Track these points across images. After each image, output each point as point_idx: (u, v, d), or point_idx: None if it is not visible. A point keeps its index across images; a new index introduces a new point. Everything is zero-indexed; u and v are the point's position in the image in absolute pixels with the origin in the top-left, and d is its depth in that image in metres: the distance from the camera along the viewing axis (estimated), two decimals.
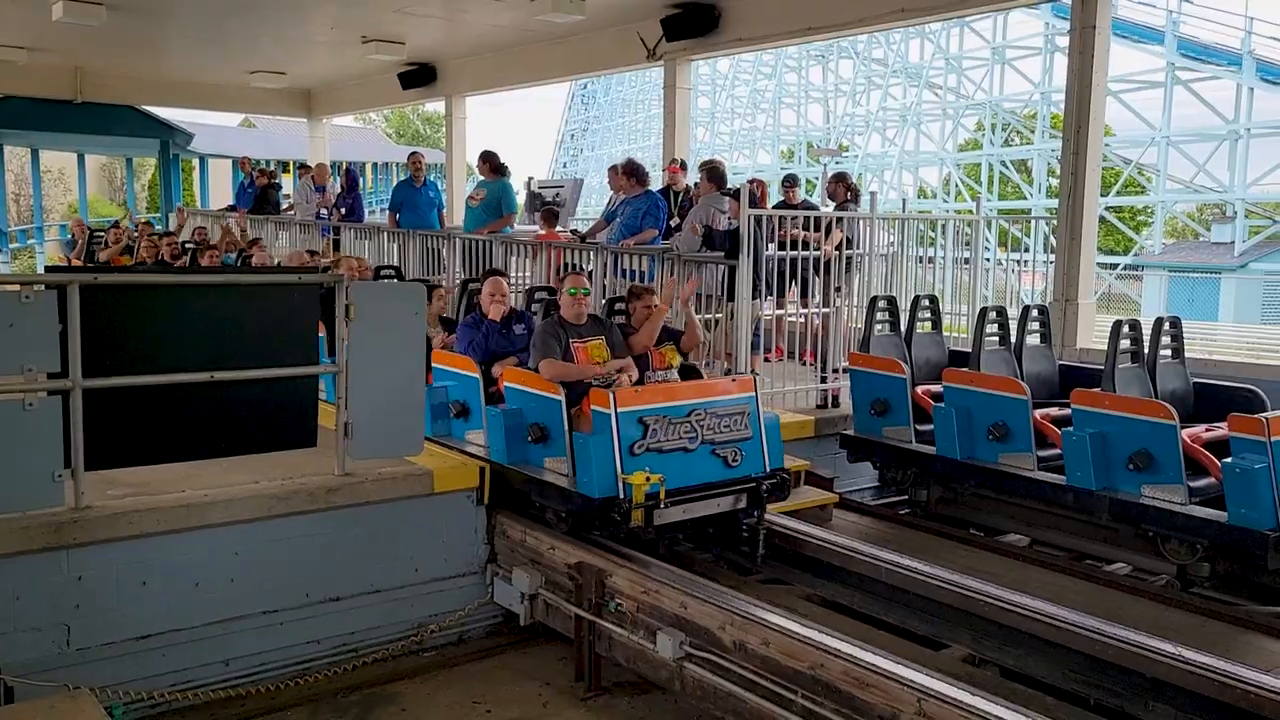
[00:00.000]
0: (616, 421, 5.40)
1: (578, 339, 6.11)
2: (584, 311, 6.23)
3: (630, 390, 5.66)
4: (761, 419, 5.88)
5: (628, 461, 5.40)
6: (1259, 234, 26.75)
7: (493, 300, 6.77)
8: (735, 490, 5.75)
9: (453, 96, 17.39)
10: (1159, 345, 6.45)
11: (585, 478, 5.51)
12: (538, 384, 5.95)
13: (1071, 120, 9.14)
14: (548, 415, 5.84)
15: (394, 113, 57.97)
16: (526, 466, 5.98)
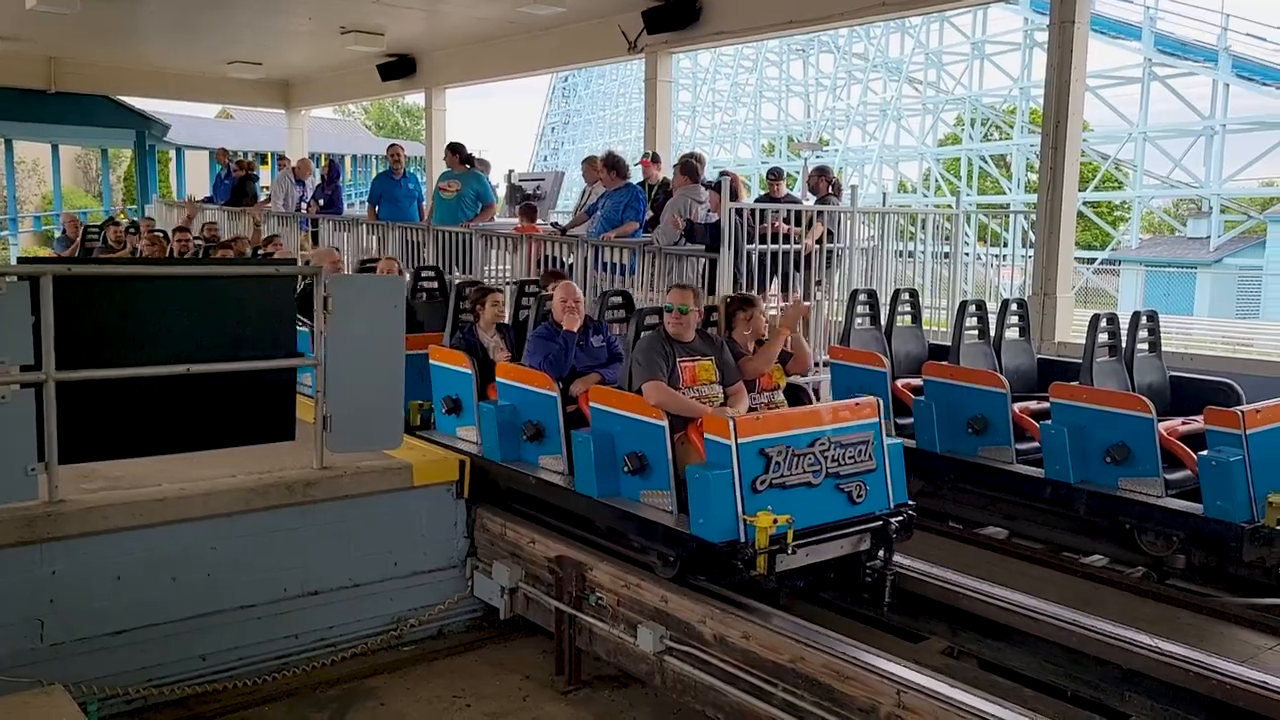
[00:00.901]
0: (738, 454, 4.71)
1: (686, 357, 5.43)
2: (691, 327, 5.54)
3: (751, 418, 4.91)
4: (885, 448, 5.20)
5: (749, 500, 4.70)
6: (1234, 229, 26.98)
7: (566, 309, 6.03)
8: (861, 530, 5.06)
9: (432, 88, 17.29)
10: (1136, 339, 6.49)
11: (701, 518, 4.78)
12: (635, 407, 5.26)
13: (1050, 115, 9.17)
14: (648, 443, 5.18)
15: (373, 105, 57.67)
16: (618, 500, 5.35)
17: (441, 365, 6.63)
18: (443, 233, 10.86)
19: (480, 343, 6.56)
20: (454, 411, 6.52)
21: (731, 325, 5.91)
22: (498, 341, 6.56)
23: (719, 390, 5.47)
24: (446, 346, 6.70)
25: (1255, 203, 27.44)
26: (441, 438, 6.58)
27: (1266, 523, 5.07)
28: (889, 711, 4.03)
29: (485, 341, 6.57)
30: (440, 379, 6.66)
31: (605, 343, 6.22)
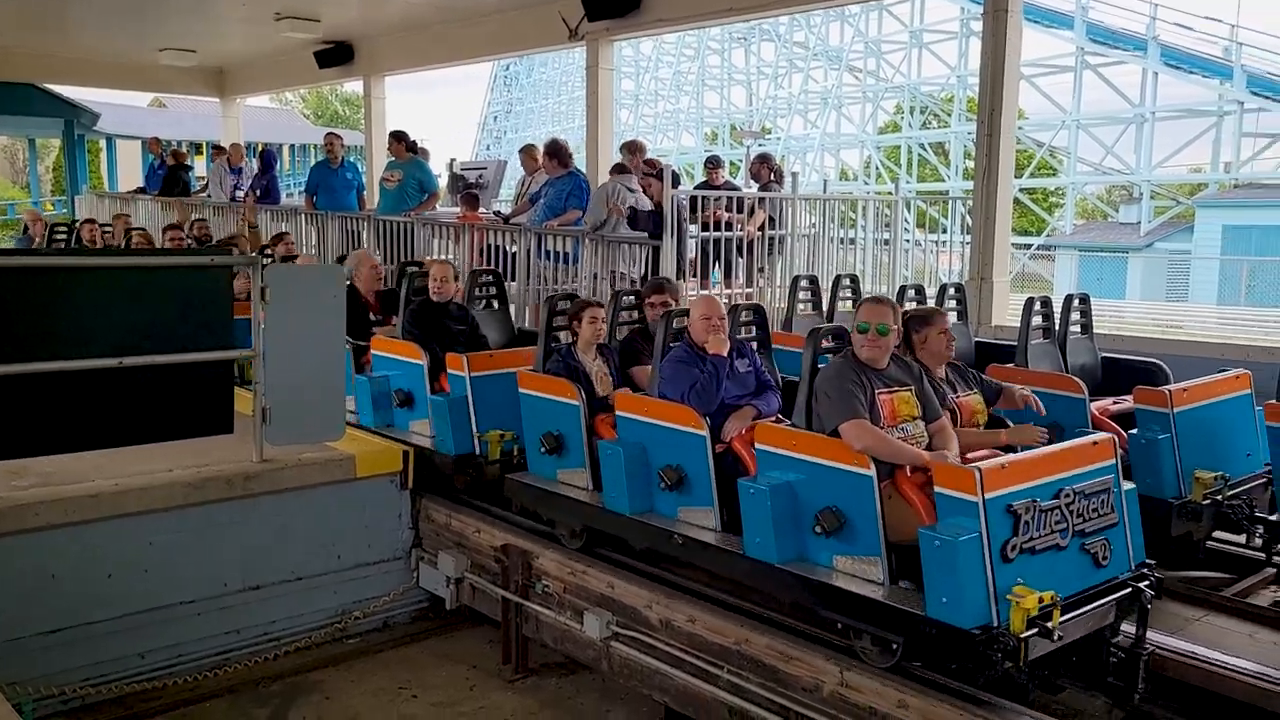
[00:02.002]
0: (985, 512, 3.71)
1: (884, 388, 4.36)
2: (889, 351, 4.44)
3: (995, 465, 3.86)
4: (1123, 495, 4.24)
5: (1000, 571, 3.71)
6: (1164, 215, 27.62)
7: (711, 328, 4.99)
8: (1110, 599, 4.03)
9: (371, 76, 17.06)
10: (1069, 321, 6.61)
11: (943, 595, 3.74)
12: (827, 452, 4.20)
13: (985, 103, 9.31)
14: (848, 497, 4.12)
15: (311, 93, 56.71)
16: (804, 566, 4.28)
17: (537, 395, 5.50)
18: (383, 222, 10.74)
19: (582, 367, 5.54)
20: (555, 451, 5.37)
21: (918, 343, 4.85)
22: (601, 367, 5.59)
23: (922, 428, 4.39)
24: (540, 371, 5.62)
25: (1183, 189, 28.14)
26: (538, 480, 5.53)
27: (1193, 498, 5.21)
28: (832, 690, 4.09)
29: (587, 366, 5.56)
30: (535, 411, 5.53)
31: (753, 368, 5.15)
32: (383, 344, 6.78)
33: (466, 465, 5.98)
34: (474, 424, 5.98)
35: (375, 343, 6.81)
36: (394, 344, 6.65)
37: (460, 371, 6.05)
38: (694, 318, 5.08)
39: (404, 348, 6.54)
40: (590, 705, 5.12)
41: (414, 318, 6.64)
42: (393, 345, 6.67)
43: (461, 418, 6.01)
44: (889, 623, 3.93)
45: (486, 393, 6.02)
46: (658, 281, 6.21)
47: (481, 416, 5.99)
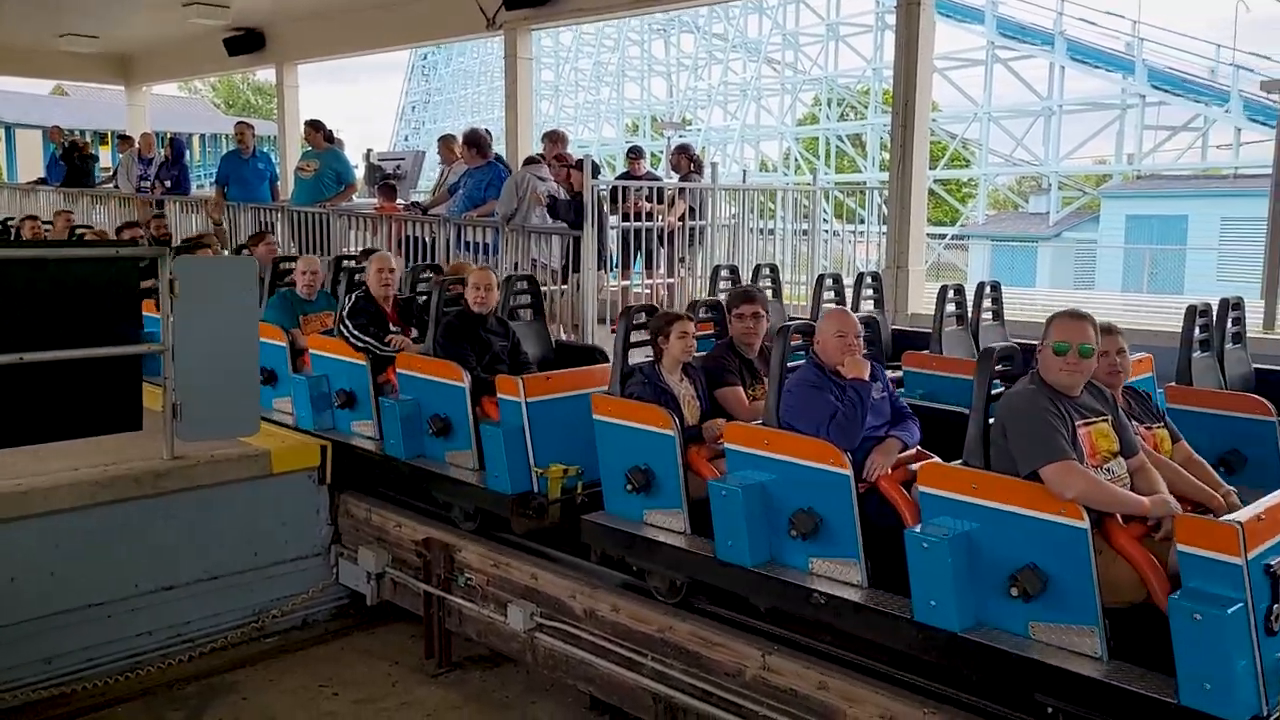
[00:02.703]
0: (1249, 577, 3.05)
1: (1081, 420, 3.66)
2: (1086, 375, 3.75)
3: (1250, 516, 3.18)
4: None
5: (1268, 646, 3.09)
6: (1071, 205, 28.45)
7: (847, 346, 4.32)
8: None
9: (283, 64, 16.66)
10: (981, 309, 6.78)
11: (1205, 680, 3.07)
12: (1028, 500, 3.48)
13: (900, 95, 9.47)
14: (1053, 553, 3.44)
15: (222, 82, 55.29)
16: (988, 633, 3.57)
17: (620, 423, 4.72)
18: (298, 213, 10.53)
19: (669, 390, 4.79)
20: (643, 489, 4.60)
21: None
22: (688, 390, 4.86)
23: (1124, 466, 3.71)
24: (618, 395, 4.83)
25: (1089, 180, 28.96)
26: (622, 523, 4.73)
27: None
28: (754, 674, 4.14)
29: (674, 389, 4.81)
30: (618, 442, 4.73)
31: (886, 392, 4.44)
32: (414, 362, 5.87)
33: (526, 505, 5.12)
34: (531, 457, 5.19)
35: (402, 360, 5.97)
36: (427, 363, 5.75)
37: (514, 396, 5.20)
38: (825, 335, 4.36)
39: (440, 367, 5.63)
40: (515, 697, 5.11)
41: (451, 332, 5.75)
42: (425, 364, 5.76)
43: (518, 450, 5.18)
44: (1118, 708, 3.27)
45: (544, 421, 5.22)
46: (746, 290, 5.43)
47: (539, 448, 5.19)
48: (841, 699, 3.88)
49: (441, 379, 5.63)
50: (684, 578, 4.54)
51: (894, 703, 3.75)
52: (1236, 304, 5.84)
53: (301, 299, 7.09)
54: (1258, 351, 6.33)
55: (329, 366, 6.49)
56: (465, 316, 5.86)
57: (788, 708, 4.01)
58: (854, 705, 3.84)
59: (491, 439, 5.30)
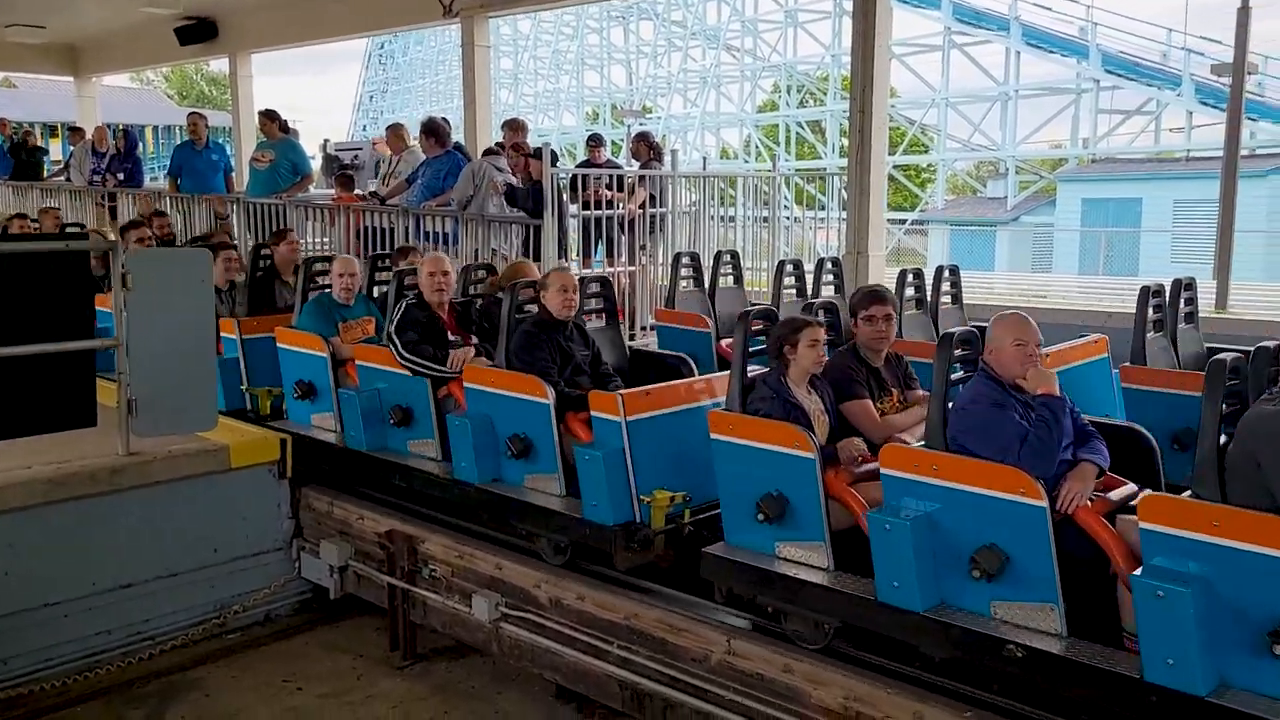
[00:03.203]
0: None
1: None
2: None
3: None
4: None
5: None
6: (1028, 189, 28.78)
7: (1028, 357, 3.85)
8: None
9: (237, 53, 16.46)
10: (940, 293, 6.84)
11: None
12: None
13: (858, 81, 9.50)
14: None
15: (174, 72, 54.50)
16: (1235, 696, 3.07)
17: (746, 444, 4.14)
18: (253, 204, 10.39)
19: (800, 405, 4.22)
20: (776, 518, 4.05)
21: None
22: (817, 404, 4.32)
23: None
24: (739, 410, 4.26)
25: (1046, 164, 29.29)
26: (752, 557, 4.16)
27: None
28: (720, 659, 4.16)
29: (805, 404, 4.24)
30: (743, 465, 4.15)
31: (1069, 407, 3.93)
32: (486, 376, 5.19)
33: (631, 537, 4.49)
34: (633, 483, 4.54)
35: (471, 373, 5.28)
36: (502, 376, 5.13)
37: (612, 415, 4.56)
38: (1001, 343, 3.85)
39: (519, 382, 5.00)
40: (481, 687, 5.09)
41: (530, 343, 5.12)
42: (500, 378, 5.12)
43: (619, 475, 4.54)
44: None
45: (646, 442, 4.59)
46: (875, 290, 4.80)
47: (642, 473, 4.55)
48: (807, 681, 3.91)
49: (521, 395, 4.95)
50: (834, 621, 3.95)
51: (859, 684, 3.78)
52: (1189, 285, 5.93)
53: (339, 303, 6.40)
54: (1210, 331, 6.44)
55: (379, 379, 5.82)
56: (544, 324, 5.19)
57: (754, 691, 4.02)
58: (819, 688, 3.86)
59: (589, 464, 4.57)
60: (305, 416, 6.35)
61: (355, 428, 5.88)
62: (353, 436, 5.92)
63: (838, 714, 3.79)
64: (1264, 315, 8.66)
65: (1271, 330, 7.59)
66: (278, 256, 7.48)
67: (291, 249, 7.56)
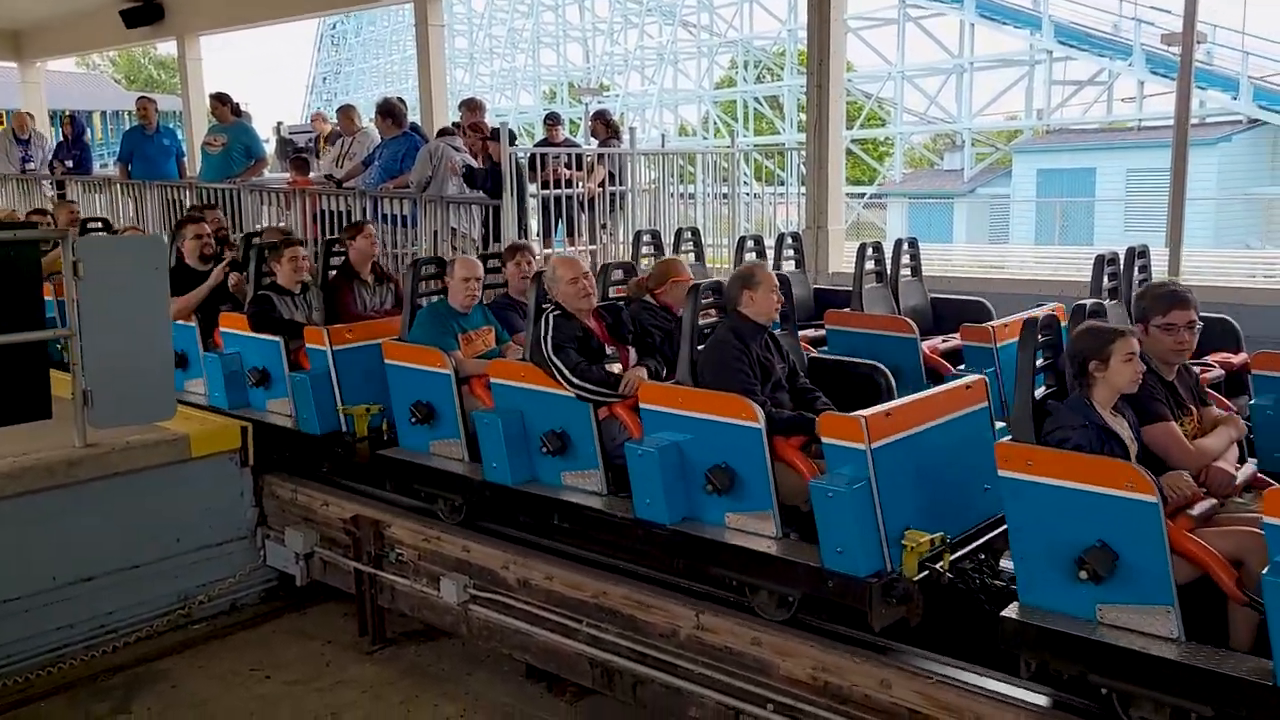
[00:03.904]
0: None
1: None
2: None
3: None
4: None
5: None
6: (984, 161, 28.98)
7: None
8: None
9: (185, 36, 16.15)
10: (899, 265, 6.88)
11: None
12: None
13: (814, 56, 9.52)
14: None
15: (122, 56, 53.40)
16: None
17: (1057, 484, 3.35)
18: (207, 190, 10.23)
19: (1115, 433, 3.51)
20: (1103, 575, 3.23)
21: None
22: (1125, 428, 3.59)
23: None
24: (1030, 440, 3.52)
25: (1001, 136, 29.50)
26: (1073, 625, 3.34)
27: None
28: (689, 634, 4.18)
29: (1119, 431, 3.54)
30: (1068, 514, 3.33)
31: None
32: (672, 396, 4.28)
33: (889, 590, 3.68)
34: (882, 524, 3.71)
35: (652, 392, 4.34)
36: (697, 396, 4.21)
37: (854, 442, 3.72)
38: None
39: (723, 403, 4.10)
40: (451, 669, 5.09)
41: (728, 355, 4.30)
42: (695, 399, 4.20)
43: (866, 515, 3.70)
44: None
45: (893, 468, 3.78)
46: (1173, 290, 4.05)
47: (893, 509, 3.72)
48: (775, 654, 3.94)
49: (724, 418, 4.09)
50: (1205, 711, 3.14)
51: (826, 655, 3.82)
52: (1143, 252, 6.02)
53: (458, 312, 5.47)
54: None
55: (522, 400, 4.89)
56: (743, 332, 4.37)
57: (723, 665, 4.06)
58: (787, 659, 3.90)
59: (832, 502, 3.69)
60: (424, 443, 5.34)
61: (497, 457, 4.86)
62: (494, 468, 4.89)
63: (806, 684, 3.84)
64: (1216, 281, 8.81)
65: (1223, 295, 7.73)
66: (354, 253, 6.47)
67: (370, 244, 6.56)
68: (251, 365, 6.25)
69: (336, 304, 6.29)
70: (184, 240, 6.87)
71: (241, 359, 6.32)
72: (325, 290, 6.37)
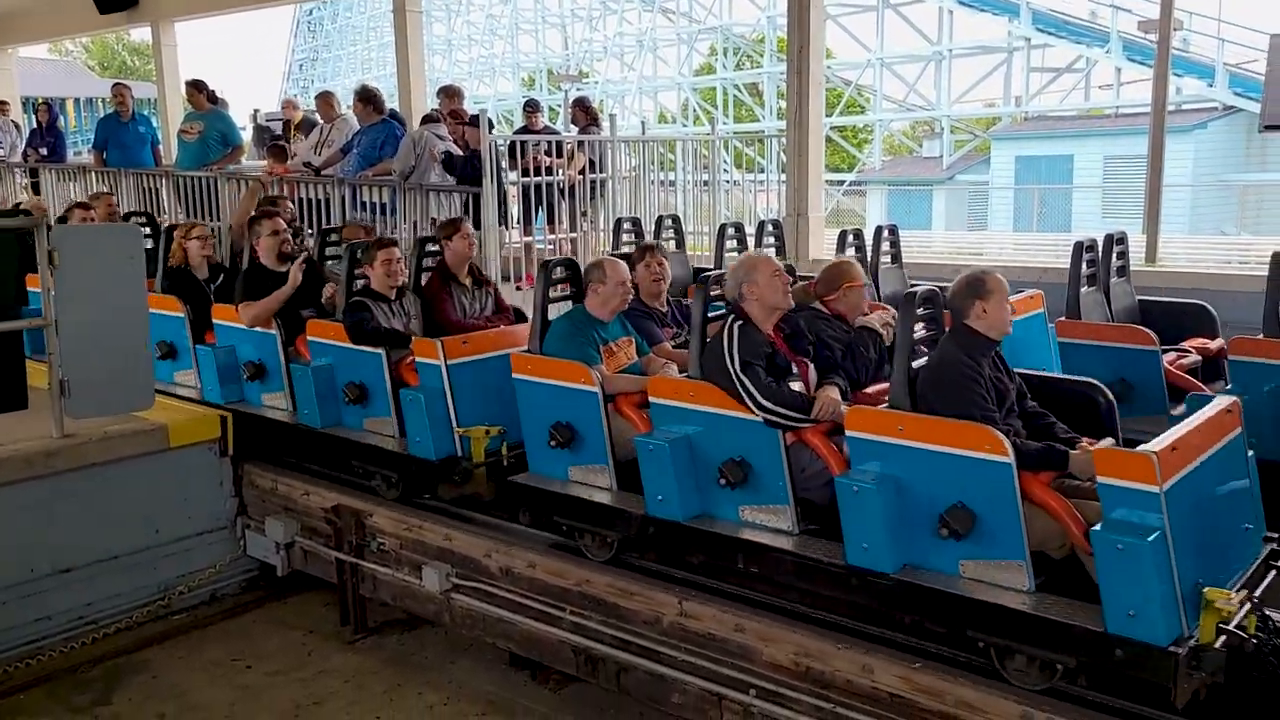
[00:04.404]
0: None
1: None
2: None
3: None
4: None
5: None
6: (963, 148, 29.07)
7: None
8: None
9: (159, 22, 15.94)
10: (880, 252, 6.89)
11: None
12: None
13: (794, 42, 9.50)
14: None
15: (95, 43, 52.76)
16: None
17: None
18: (183, 178, 10.14)
19: None
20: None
21: None
22: None
23: None
24: None
25: (980, 123, 29.59)
26: None
27: None
28: (672, 621, 4.20)
29: None
30: None
31: None
32: (887, 422, 3.71)
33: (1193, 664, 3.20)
34: (1178, 585, 3.23)
35: (862, 418, 3.79)
36: (942, 428, 3.60)
37: (1143, 484, 3.23)
38: None
39: (962, 433, 3.56)
40: (434, 658, 5.09)
41: (963, 376, 3.72)
42: (923, 426, 3.63)
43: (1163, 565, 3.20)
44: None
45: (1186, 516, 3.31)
46: None
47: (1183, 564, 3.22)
48: (758, 640, 3.96)
49: (967, 451, 3.52)
50: None
51: (809, 640, 3.84)
52: (1120, 239, 6.06)
53: (599, 321, 4.82)
54: (1141, 284, 6.59)
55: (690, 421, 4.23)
56: (974, 350, 3.79)
57: (706, 651, 4.07)
58: (770, 645, 3.92)
59: (1127, 558, 3.18)
60: (562, 469, 4.67)
61: (664, 489, 4.19)
62: (660, 501, 4.21)
63: (789, 670, 3.86)
64: (1192, 268, 8.87)
65: (1199, 281, 7.79)
66: (449, 254, 5.81)
67: (467, 244, 5.87)
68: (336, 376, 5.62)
69: (435, 311, 5.69)
70: (259, 238, 6.15)
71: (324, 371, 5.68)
72: (421, 295, 5.80)
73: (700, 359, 4.17)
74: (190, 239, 6.64)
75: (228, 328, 6.24)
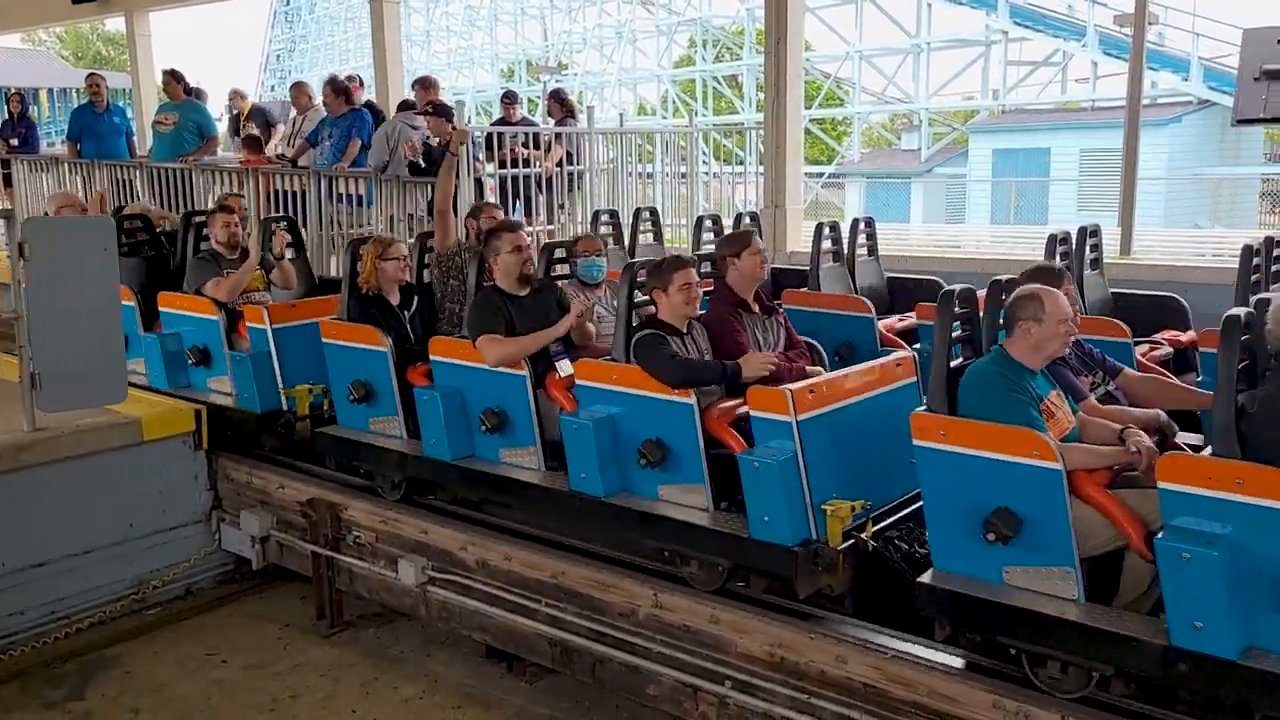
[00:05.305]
0: None
1: None
2: None
3: None
4: None
5: None
6: (941, 141, 29.17)
7: None
8: None
9: (133, 11, 15.79)
10: (856, 245, 6.92)
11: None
12: None
13: (772, 34, 9.50)
14: None
15: (69, 32, 52.19)
16: None
17: None
18: (158, 169, 10.04)
19: None
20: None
21: None
22: None
23: None
24: None
25: (958, 115, 29.67)
26: None
27: None
28: (648, 613, 4.21)
29: None
30: None
31: None
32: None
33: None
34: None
35: None
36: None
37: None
38: None
39: None
40: (410, 651, 5.09)
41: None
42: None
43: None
44: None
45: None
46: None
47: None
48: (733, 631, 3.98)
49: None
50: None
51: (783, 632, 3.86)
52: (1094, 231, 6.09)
53: (1028, 370, 3.67)
54: (1115, 276, 6.64)
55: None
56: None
57: (681, 643, 4.09)
58: (744, 636, 3.94)
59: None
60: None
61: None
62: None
63: (763, 661, 3.88)
64: (1165, 260, 8.95)
65: (1172, 274, 7.86)
66: (736, 275, 4.68)
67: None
68: None
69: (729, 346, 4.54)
70: (496, 254, 4.93)
71: None
72: None
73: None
74: (387, 259, 5.39)
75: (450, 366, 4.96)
